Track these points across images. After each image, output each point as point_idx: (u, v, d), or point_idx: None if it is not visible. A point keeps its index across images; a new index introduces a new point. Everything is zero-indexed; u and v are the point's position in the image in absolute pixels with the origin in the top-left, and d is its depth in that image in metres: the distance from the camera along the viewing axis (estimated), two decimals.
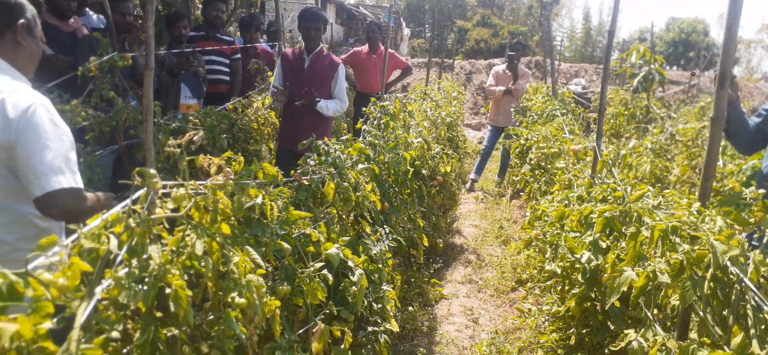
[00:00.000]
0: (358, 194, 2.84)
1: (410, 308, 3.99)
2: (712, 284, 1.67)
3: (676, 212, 2.04)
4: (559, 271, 2.96)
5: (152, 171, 1.38)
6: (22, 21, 1.87)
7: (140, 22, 4.55)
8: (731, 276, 1.65)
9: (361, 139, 3.56)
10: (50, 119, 1.79)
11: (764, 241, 1.79)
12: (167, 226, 1.49)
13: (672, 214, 2.07)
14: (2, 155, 1.72)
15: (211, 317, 1.54)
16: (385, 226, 3.26)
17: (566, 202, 3.29)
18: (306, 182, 2.59)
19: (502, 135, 7.73)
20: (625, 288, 1.96)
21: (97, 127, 3.12)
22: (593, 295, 2.65)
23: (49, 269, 1.13)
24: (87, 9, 4.72)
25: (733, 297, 1.62)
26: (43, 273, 1.11)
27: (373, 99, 4.35)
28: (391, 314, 2.69)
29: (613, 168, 3.71)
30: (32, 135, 1.73)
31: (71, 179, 1.82)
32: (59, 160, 1.78)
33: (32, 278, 1.08)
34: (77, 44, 3.99)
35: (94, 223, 1.29)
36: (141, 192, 1.40)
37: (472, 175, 8.06)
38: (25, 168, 1.73)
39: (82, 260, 1.17)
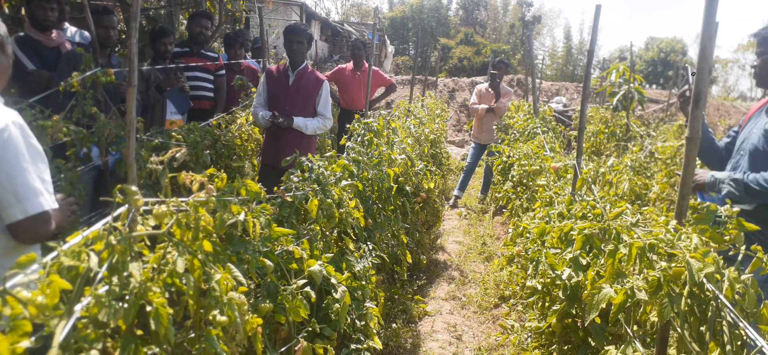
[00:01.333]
0: (341, 210, 2.85)
1: (394, 325, 3.99)
2: (688, 300, 1.70)
3: (653, 229, 2.08)
4: (540, 287, 2.99)
5: (134, 188, 1.38)
6: None
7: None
8: (707, 293, 1.68)
9: (344, 155, 3.58)
10: (25, 139, 1.77)
11: (739, 258, 1.83)
12: (149, 243, 1.48)
13: (650, 231, 2.11)
14: None
15: (193, 335, 1.53)
16: (368, 242, 3.26)
17: (547, 219, 3.33)
18: (289, 199, 2.59)
19: (485, 152, 7.80)
20: (603, 305, 1.98)
21: (78, 143, 3.10)
22: (574, 311, 2.68)
23: (28, 287, 1.12)
24: (66, 24, 4.70)
25: (710, 314, 1.66)
26: (22, 291, 1.10)
27: (357, 116, 4.38)
28: (375, 331, 2.69)
29: (593, 185, 3.76)
30: (11, 158, 1.71)
31: (50, 200, 1.81)
32: (38, 181, 1.77)
33: (10, 296, 1.07)
34: (60, 60, 3.97)
35: (74, 240, 1.28)
36: (122, 209, 1.40)
37: (455, 192, 8.10)
38: (5, 191, 1.71)
39: (61, 277, 1.16)
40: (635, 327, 2.31)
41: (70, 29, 4.75)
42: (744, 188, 2.62)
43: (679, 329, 1.80)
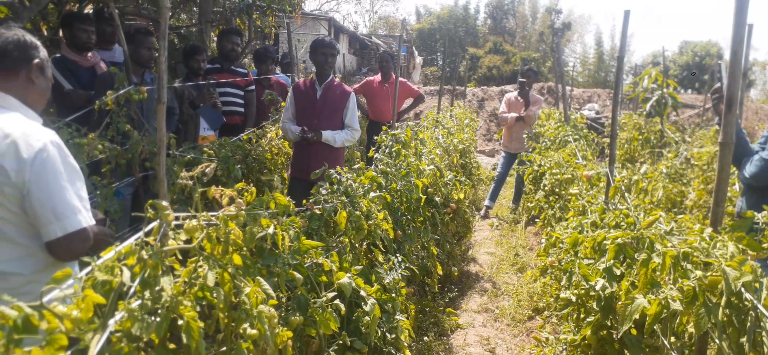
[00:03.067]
0: (370, 222, 2.85)
1: (425, 338, 3.96)
2: (726, 311, 1.64)
3: (688, 237, 2.02)
4: (574, 299, 2.93)
5: (164, 203, 1.41)
6: (36, 61, 1.93)
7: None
8: (746, 303, 1.62)
9: (372, 167, 3.58)
10: (63, 158, 1.83)
11: None
12: (180, 257, 1.51)
13: (684, 239, 2.05)
14: (16, 194, 1.76)
15: (224, 348, 1.54)
16: (398, 254, 3.26)
17: (580, 228, 3.27)
18: (318, 211, 2.60)
19: (516, 161, 7.72)
20: (636, 316, 1.93)
21: (113, 160, 3.18)
22: (609, 323, 2.62)
23: (64, 302, 1.15)
24: (116, 45, 4.86)
25: (749, 324, 1.60)
26: (58, 306, 1.13)
27: (385, 127, 4.38)
28: (406, 344, 2.67)
29: (626, 193, 3.69)
30: (50, 177, 1.77)
31: (88, 217, 1.86)
32: (76, 199, 1.82)
33: (47, 311, 1.10)
34: (96, 80, 4.09)
35: (107, 255, 1.31)
36: (154, 224, 1.43)
37: (486, 202, 8.03)
38: (44, 209, 1.76)
39: (95, 292, 1.19)
40: (672, 339, 2.25)
41: (118, 49, 4.90)
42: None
43: (717, 340, 1.74)
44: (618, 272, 2.52)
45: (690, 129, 9.59)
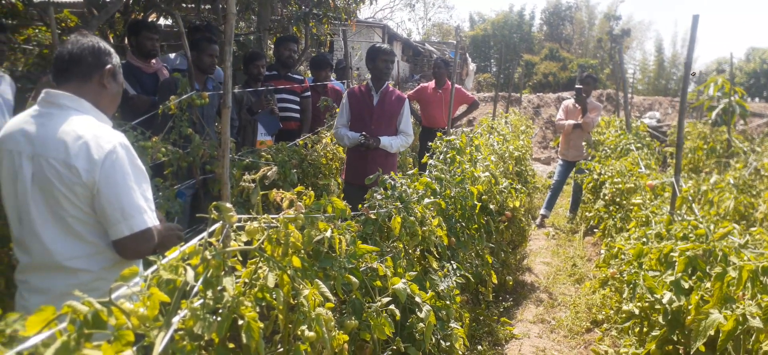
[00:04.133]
0: (424, 228, 2.82)
1: (479, 347, 3.89)
2: None
3: (765, 251, 1.90)
4: (637, 311, 2.81)
5: (228, 205, 1.43)
6: (109, 66, 2.00)
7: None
8: None
9: (427, 173, 3.56)
10: (131, 160, 1.90)
11: None
12: (241, 258, 1.53)
13: (761, 253, 1.93)
14: (86, 194, 1.83)
15: (281, 349, 1.55)
16: (452, 261, 3.21)
17: (644, 239, 3.14)
18: (373, 216, 2.60)
19: (573, 169, 7.52)
20: (711, 332, 1.83)
21: (175, 163, 3.27)
22: (675, 338, 2.49)
23: (130, 299, 1.18)
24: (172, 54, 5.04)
25: None
26: (125, 303, 1.16)
27: (439, 134, 4.35)
28: (460, 352, 2.62)
29: (693, 204, 3.52)
30: (118, 177, 1.83)
31: (153, 217, 1.91)
32: (142, 200, 1.88)
33: (115, 307, 1.13)
34: (159, 86, 4.24)
35: (172, 255, 1.34)
36: (217, 225, 1.45)
37: (542, 211, 7.85)
38: (112, 208, 1.82)
39: (160, 290, 1.22)
40: None
41: (172, 56, 5.08)
42: None
43: None
44: (686, 286, 2.40)
45: (759, 138, 9.11)
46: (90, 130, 1.85)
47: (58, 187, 1.81)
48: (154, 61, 4.52)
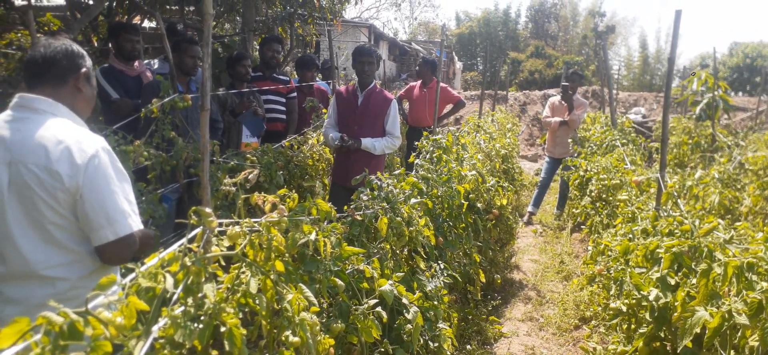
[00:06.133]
0: (411, 228, 2.81)
1: (468, 347, 3.88)
2: None
3: (750, 246, 1.91)
4: (624, 308, 2.82)
5: (208, 210, 1.40)
6: (84, 69, 1.97)
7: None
8: None
9: (413, 173, 3.54)
10: (113, 164, 1.86)
11: None
12: (223, 264, 1.50)
13: (746, 249, 1.94)
14: (69, 199, 1.79)
15: None
16: (439, 261, 3.20)
17: (630, 236, 3.15)
18: (359, 217, 2.58)
19: (560, 166, 7.55)
20: (698, 329, 1.83)
21: (158, 167, 3.23)
22: (662, 334, 2.50)
23: (108, 308, 1.15)
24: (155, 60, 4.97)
25: None
26: (103, 312, 1.13)
27: (425, 133, 4.34)
28: (449, 353, 2.61)
29: (678, 200, 3.54)
30: (101, 182, 1.80)
31: (137, 220, 1.88)
32: (126, 204, 1.85)
33: (92, 317, 1.10)
34: (142, 89, 4.18)
35: (151, 262, 1.31)
36: (197, 231, 1.42)
37: (529, 208, 7.88)
38: (96, 213, 1.79)
39: (139, 298, 1.19)
40: (733, 353, 2.12)
41: (154, 62, 5.01)
42: None
43: None
44: (672, 282, 2.40)
45: (743, 132, 9.21)
46: (71, 135, 1.82)
47: (39, 193, 1.77)
48: (136, 63, 4.46)
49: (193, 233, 1.41)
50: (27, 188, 1.77)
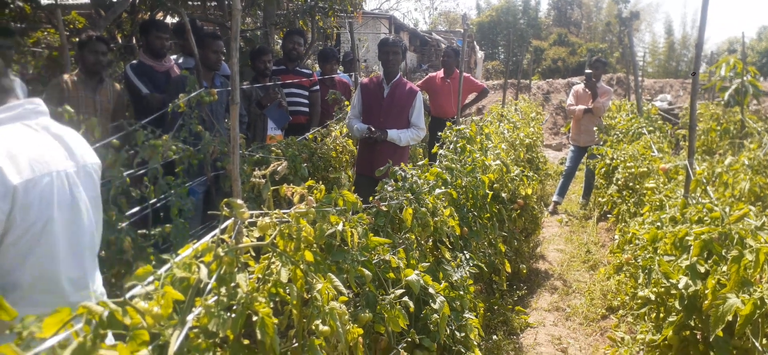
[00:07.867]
0: (436, 218, 2.81)
1: (495, 337, 3.88)
2: None
3: None
4: (653, 297, 2.79)
5: (239, 201, 1.42)
6: None
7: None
8: None
9: (437, 163, 3.54)
10: None
11: None
12: (254, 254, 1.52)
13: None
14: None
15: (296, 344, 1.55)
16: (464, 251, 3.20)
17: (658, 224, 3.11)
18: (384, 208, 2.59)
19: (585, 155, 7.47)
20: (729, 317, 1.81)
21: (186, 160, 3.28)
22: (692, 323, 2.47)
23: (145, 298, 1.18)
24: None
25: None
26: (140, 302, 1.16)
27: (448, 123, 4.33)
28: (475, 343, 2.61)
29: (707, 187, 3.48)
30: None
31: None
32: None
33: (130, 307, 1.13)
34: (169, 84, 4.25)
35: (185, 252, 1.34)
36: (229, 222, 1.45)
37: (554, 198, 7.81)
38: None
39: (174, 288, 1.21)
40: (765, 341, 2.09)
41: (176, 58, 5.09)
42: None
43: None
44: (702, 270, 2.37)
45: None
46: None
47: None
48: (165, 59, 4.54)
49: (225, 224, 1.44)
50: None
